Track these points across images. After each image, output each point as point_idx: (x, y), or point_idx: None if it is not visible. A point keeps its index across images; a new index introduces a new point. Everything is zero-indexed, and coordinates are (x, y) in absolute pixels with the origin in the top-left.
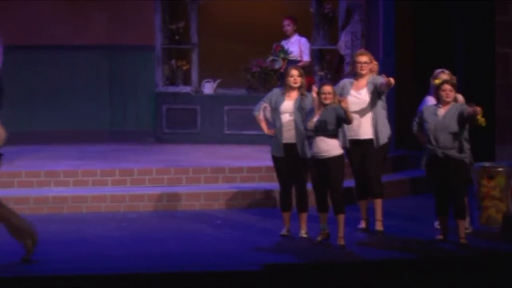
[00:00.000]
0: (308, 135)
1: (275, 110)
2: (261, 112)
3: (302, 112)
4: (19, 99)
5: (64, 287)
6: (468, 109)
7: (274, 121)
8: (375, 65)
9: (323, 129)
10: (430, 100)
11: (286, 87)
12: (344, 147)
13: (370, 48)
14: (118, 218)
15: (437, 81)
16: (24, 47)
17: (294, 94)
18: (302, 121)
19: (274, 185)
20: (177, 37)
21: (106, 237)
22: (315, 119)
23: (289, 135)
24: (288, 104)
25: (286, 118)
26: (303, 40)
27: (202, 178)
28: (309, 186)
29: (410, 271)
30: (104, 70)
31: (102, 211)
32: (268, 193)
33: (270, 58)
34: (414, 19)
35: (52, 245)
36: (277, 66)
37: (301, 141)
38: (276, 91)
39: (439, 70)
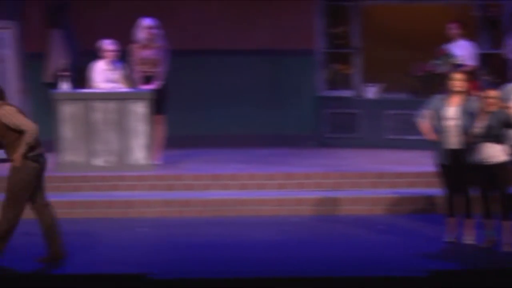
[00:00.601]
0: (474, 140)
1: (439, 117)
2: (424, 120)
3: (467, 117)
4: (184, 104)
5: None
6: None
7: (438, 128)
8: None
9: (488, 135)
10: None
11: (449, 92)
12: (510, 153)
13: None
14: (280, 221)
15: None
16: (189, 52)
17: (457, 99)
18: (468, 126)
19: (436, 190)
20: (338, 41)
21: (267, 241)
22: (480, 124)
23: (454, 141)
24: (452, 110)
25: (450, 124)
26: (468, 44)
27: (364, 182)
28: (475, 192)
29: None
30: (266, 75)
31: (264, 214)
32: (430, 198)
33: (434, 62)
34: None
35: (213, 247)
36: (440, 70)
37: (466, 147)
38: (437, 97)
39: None
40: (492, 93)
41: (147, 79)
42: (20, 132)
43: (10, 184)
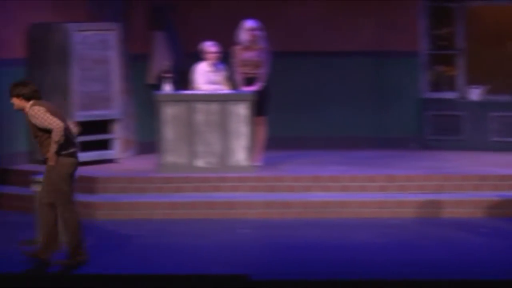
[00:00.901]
0: None
1: None
2: None
3: None
4: (286, 105)
5: None
6: None
7: None
8: None
9: None
10: None
11: None
12: None
13: None
14: (381, 224)
15: None
16: (292, 53)
17: None
18: None
19: None
20: (442, 43)
21: (368, 243)
22: None
23: None
24: None
25: None
26: None
27: (467, 185)
28: None
29: None
30: (369, 76)
31: (365, 217)
32: None
33: None
34: None
35: (313, 249)
36: None
37: None
38: None
39: None
40: None
41: (249, 81)
42: (50, 132)
43: (50, 183)
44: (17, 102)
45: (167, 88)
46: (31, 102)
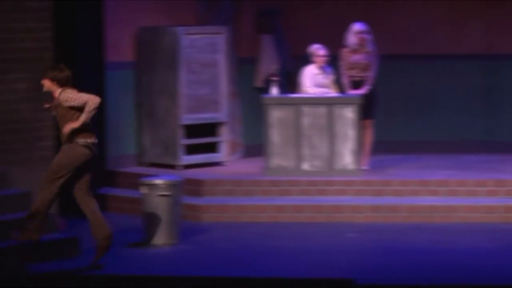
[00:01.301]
0: None
1: None
2: None
3: None
4: (393, 108)
5: None
6: None
7: None
8: None
9: None
10: None
11: None
12: None
13: None
14: (491, 229)
15: None
16: (399, 56)
17: None
18: None
19: None
20: None
21: (478, 248)
22: None
23: None
24: None
25: None
26: None
27: None
28: None
29: None
30: (478, 80)
31: (474, 221)
32: None
33: None
34: None
35: (419, 253)
36: None
37: None
38: None
39: None
40: None
41: (356, 84)
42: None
43: (55, 161)
44: (48, 84)
45: (274, 91)
46: (61, 88)
